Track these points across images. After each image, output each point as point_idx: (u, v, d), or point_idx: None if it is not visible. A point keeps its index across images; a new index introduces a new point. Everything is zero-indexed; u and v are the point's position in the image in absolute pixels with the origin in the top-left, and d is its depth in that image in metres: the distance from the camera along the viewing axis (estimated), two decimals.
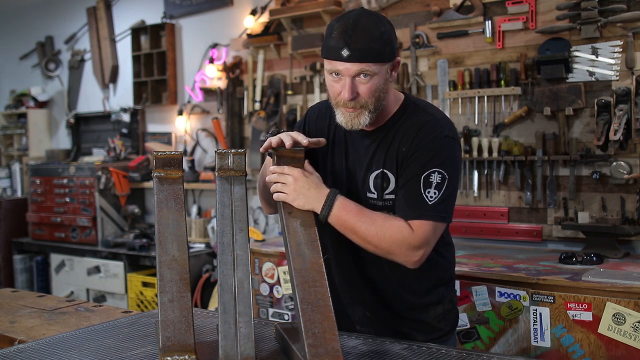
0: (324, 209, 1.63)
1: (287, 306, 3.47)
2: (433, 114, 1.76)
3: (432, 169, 1.65)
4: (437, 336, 1.82)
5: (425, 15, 3.71)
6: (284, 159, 1.68)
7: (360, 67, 1.62)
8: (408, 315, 1.82)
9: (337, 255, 1.83)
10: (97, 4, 5.56)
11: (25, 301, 2.24)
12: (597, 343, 2.49)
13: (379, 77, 1.65)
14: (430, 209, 1.64)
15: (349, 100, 1.65)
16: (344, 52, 1.61)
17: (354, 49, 1.60)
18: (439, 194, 1.65)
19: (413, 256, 1.64)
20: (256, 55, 4.47)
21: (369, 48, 1.61)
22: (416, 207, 1.65)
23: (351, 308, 1.86)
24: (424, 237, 1.64)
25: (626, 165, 3.07)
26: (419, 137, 1.69)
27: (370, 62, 1.62)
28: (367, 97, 1.65)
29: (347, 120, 1.69)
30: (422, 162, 1.66)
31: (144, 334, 1.73)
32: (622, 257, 2.96)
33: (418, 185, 1.65)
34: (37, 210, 5.27)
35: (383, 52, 1.64)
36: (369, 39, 1.61)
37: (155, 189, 1.59)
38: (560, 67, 3.17)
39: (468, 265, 2.87)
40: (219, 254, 1.50)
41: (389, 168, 1.73)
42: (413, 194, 1.66)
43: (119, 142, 5.27)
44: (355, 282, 1.83)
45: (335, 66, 1.64)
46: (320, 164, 1.85)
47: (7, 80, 6.56)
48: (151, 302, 4.48)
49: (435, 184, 1.65)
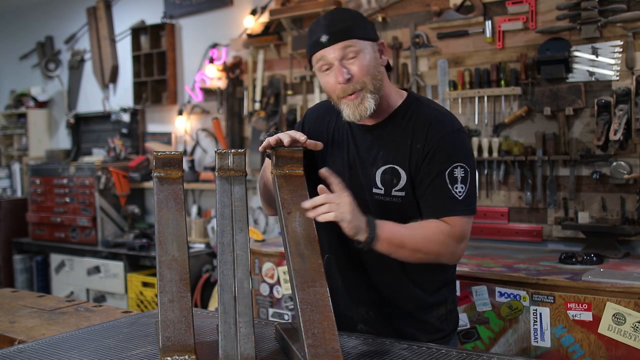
0: (370, 233, 1.57)
1: (287, 306, 3.47)
2: (439, 110, 1.77)
3: (455, 164, 1.66)
4: (440, 337, 1.81)
5: (425, 15, 3.71)
6: (282, 159, 1.68)
7: (344, 45, 1.64)
8: (411, 315, 1.81)
9: (338, 256, 1.83)
10: (97, 4, 5.56)
11: (25, 301, 2.24)
12: (597, 343, 2.49)
13: (366, 54, 1.66)
14: (461, 204, 1.66)
15: (344, 82, 1.65)
16: (323, 38, 1.64)
17: (331, 32, 1.64)
18: (466, 187, 1.66)
19: (457, 253, 1.68)
20: (256, 55, 4.47)
21: (346, 27, 1.65)
22: (449, 204, 1.66)
23: (354, 308, 1.84)
24: (463, 232, 1.66)
25: (626, 165, 3.07)
26: (431, 133, 1.69)
27: (352, 39, 1.64)
28: (361, 74, 1.65)
29: (353, 110, 1.68)
30: (442, 158, 1.67)
31: (144, 334, 1.73)
32: (622, 257, 2.96)
33: (445, 183, 1.66)
34: (37, 210, 5.27)
35: (362, 28, 1.67)
36: (344, 20, 1.66)
37: (155, 189, 1.59)
38: (560, 67, 3.17)
39: (468, 265, 2.87)
40: (219, 254, 1.50)
41: (400, 164, 1.72)
42: (443, 191, 1.66)
43: (119, 142, 5.27)
44: (358, 282, 1.82)
45: (320, 55, 1.66)
46: (319, 164, 1.84)
47: (7, 80, 6.56)
48: (151, 302, 4.48)
49: (461, 179, 1.66)
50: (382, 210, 1.72)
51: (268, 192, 1.78)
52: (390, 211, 1.72)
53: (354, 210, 1.55)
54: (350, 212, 1.54)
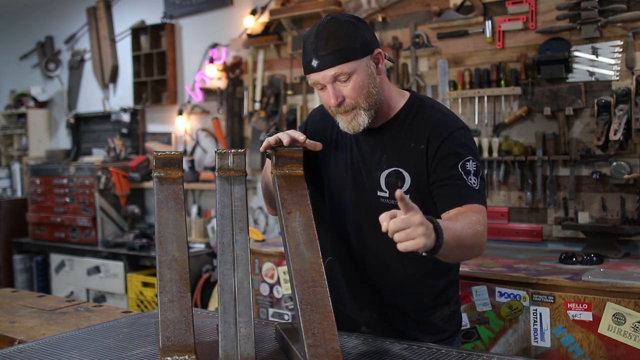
0: (438, 239, 1.40)
1: (287, 306, 3.47)
2: (442, 110, 1.76)
3: (466, 159, 1.66)
4: (444, 337, 1.81)
5: (425, 15, 3.71)
6: (282, 159, 1.68)
7: (333, 72, 1.62)
8: (415, 317, 1.80)
9: (341, 258, 1.82)
10: (97, 4, 5.56)
11: (25, 301, 2.24)
12: (597, 343, 2.49)
13: (359, 75, 1.64)
14: (478, 195, 1.65)
15: (335, 105, 1.66)
16: (313, 63, 1.63)
17: (321, 57, 1.62)
18: (478, 181, 1.66)
19: (485, 243, 1.64)
20: (256, 55, 4.47)
21: (336, 51, 1.61)
22: (469, 193, 1.64)
23: (357, 310, 1.83)
24: (486, 221, 1.64)
25: (626, 165, 3.07)
26: (436, 132, 1.69)
27: (341, 64, 1.61)
28: (353, 96, 1.65)
29: (346, 125, 1.70)
30: (452, 154, 1.66)
31: (144, 334, 1.73)
32: (622, 257, 2.96)
33: (460, 176, 1.65)
34: (37, 210, 5.27)
35: (353, 49, 1.62)
36: (334, 42, 1.61)
37: (155, 189, 1.59)
38: (560, 67, 3.17)
39: (468, 265, 2.87)
40: (219, 254, 1.49)
41: (404, 166, 1.71)
42: (460, 184, 1.65)
43: (119, 142, 5.27)
44: (362, 284, 1.81)
45: (313, 78, 1.66)
46: (322, 165, 1.84)
47: (7, 80, 6.56)
48: (151, 302, 4.48)
49: (473, 172, 1.66)
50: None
51: (269, 192, 1.78)
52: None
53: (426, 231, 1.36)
54: (423, 234, 1.34)
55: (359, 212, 1.77)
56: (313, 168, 1.84)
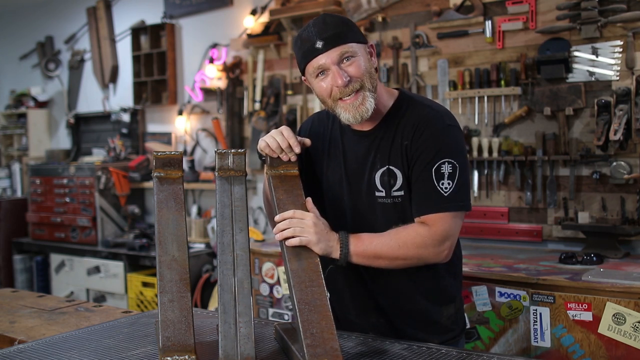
0: (342, 249, 1.62)
1: (287, 306, 3.47)
2: (431, 106, 1.75)
3: (442, 160, 1.65)
4: (451, 337, 1.80)
5: (425, 15, 3.71)
6: (276, 160, 1.69)
7: (340, 50, 1.63)
8: (422, 318, 1.79)
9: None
10: (97, 4, 5.56)
11: (25, 301, 2.24)
12: (597, 343, 2.49)
13: (361, 57, 1.66)
14: (447, 201, 1.64)
15: (344, 85, 1.63)
16: (318, 44, 1.63)
17: (326, 38, 1.63)
18: (453, 183, 1.64)
19: (441, 252, 1.65)
20: (256, 55, 4.47)
21: (340, 32, 1.64)
22: (432, 201, 1.64)
23: (364, 316, 1.82)
24: (445, 230, 1.63)
25: (626, 165, 3.07)
26: (420, 130, 1.68)
27: (346, 43, 1.64)
28: (359, 74, 1.65)
29: (353, 112, 1.66)
30: (430, 155, 1.65)
31: (144, 334, 1.73)
32: (622, 257, 2.96)
33: (430, 179, 1.65)
34: (37, 210, 5.27)
35: (355, 32, 1.67)
36: (336, 25, 1.65)
37: (155, 189, 1.59)
38: (560, 67, 3.17)
39: (468, 265, 2.87)
40: (219, 254, 1.50)
41: (395, 164, 1.71)
42: (427, 188, 1.65)
43: (119, 142, 5.27)
44: (365, 290, 1.80)
45: (317, 62, 1.65)
46: (318, 173, 1.84)
47: (7, 80, 6.56)
48: (151, 302, 4.48)
49: (448, 175, 1.64)
50: (387, 212, 1.72)
51: (269, 203, 1.78)
52: (395, 212, 1.71)
53: (320, 231, 1.57)
54: (314, 233, 1.56)
55: (357, 217, 1.77)
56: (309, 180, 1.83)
